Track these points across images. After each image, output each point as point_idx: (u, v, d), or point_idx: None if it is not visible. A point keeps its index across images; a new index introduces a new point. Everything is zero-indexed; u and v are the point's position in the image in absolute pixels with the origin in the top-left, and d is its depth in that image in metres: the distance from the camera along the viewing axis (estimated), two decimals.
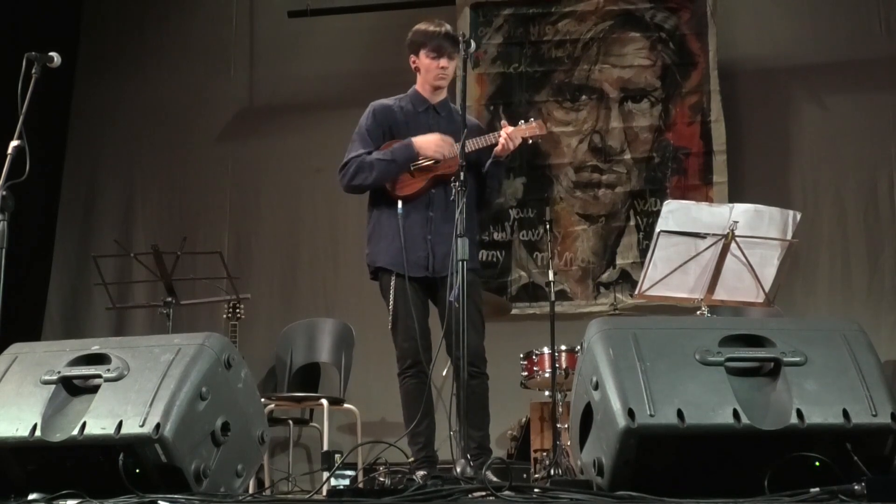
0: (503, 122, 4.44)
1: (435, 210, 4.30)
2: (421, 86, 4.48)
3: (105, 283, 5.59)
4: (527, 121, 4.47)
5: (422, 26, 4.44)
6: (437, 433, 4.32)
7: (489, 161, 4.40)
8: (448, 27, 4.43)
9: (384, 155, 4.30)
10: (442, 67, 4.38)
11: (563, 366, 5.36)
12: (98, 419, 2.93)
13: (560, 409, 5.26)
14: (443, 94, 4.50)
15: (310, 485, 6.05)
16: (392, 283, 4.27)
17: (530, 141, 4.48)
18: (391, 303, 4.27)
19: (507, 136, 4.31)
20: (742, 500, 2.55)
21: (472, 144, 4.25)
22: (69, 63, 6.86)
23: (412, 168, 4.31)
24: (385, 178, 4.29)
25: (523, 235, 6.90)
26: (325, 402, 5.71)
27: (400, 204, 4.26)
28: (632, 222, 6.78)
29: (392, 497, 2.77)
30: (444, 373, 5.08)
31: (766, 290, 4.44)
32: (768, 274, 4.45)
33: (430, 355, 4.24)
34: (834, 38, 6.83)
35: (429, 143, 4.29)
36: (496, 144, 4.33)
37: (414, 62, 4.45)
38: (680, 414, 2.66)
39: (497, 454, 6.01)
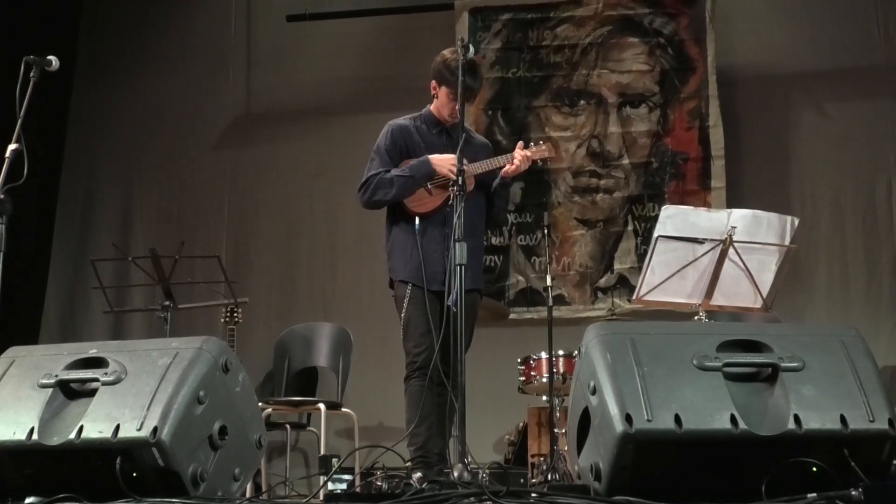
0: (519, 143, 4.52)
1: (450, 227, 4.33)
2: (436, 109, 4.56)
3: (103, 286, 5.59)
4: (536, 143, 4.60)
5: (451, 58, 4.40)
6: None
7: (497, 181, 4.53)
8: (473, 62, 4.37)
9: (402, 172, 4.43)
10: (458, 110, 4.40)
11: (561, 371, 5.36)
12: (95, 423, 2.93)
13: (557, 414, 5.26)
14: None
15: (307, 489, 6.03)
16: (408, 291, 4.36)
17: (540, 163, 4.63)
18: (404, 310, 4.36)
19: (519, 158, 4.42)
20: None
21: (485, 166, 4.43)
22: (68, 66, 6.85)
23: (429, 185, 4.43)
24: (404, 194, 4.42)
25: (521, 240, 6.90)
26: (322, 406, 5.71)
27: (417, 220, 4.37)
28: (630, 227, 6.78)
29: (389, 501, 2.77)
30: None
31: (764, 295, 4.44)
32: (766, 279, 4.45)
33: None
34: (832, 45, 6.83)
35: (444, 162, 4.40)
36: (504, 165, 4.46)
37: (434, 89, 4.52)
38: (677, 419, 2.66)
39: (494, 459, 6.04)
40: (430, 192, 4.43)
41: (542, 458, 5.40)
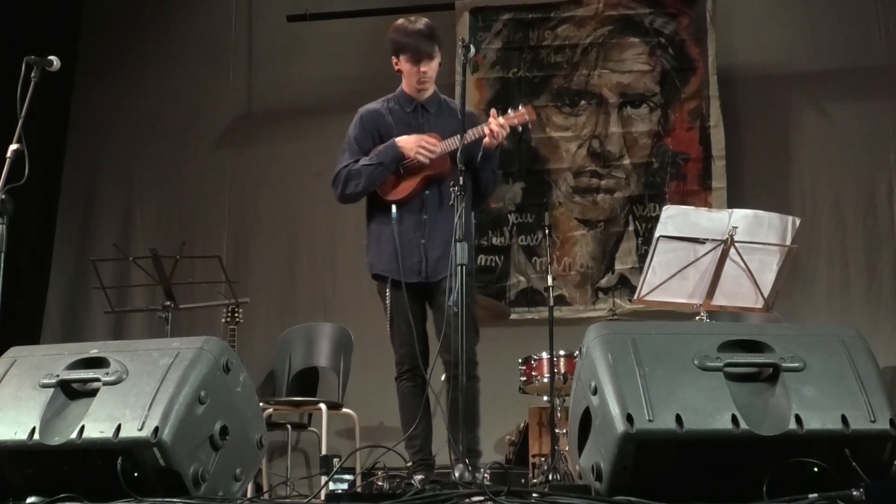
0: (492, 111, 4.27)
1: (429, 213, 4.26)
2: (406, 85, 4.39)
3: (104, 286, 5.59)
4: (515, 108, 4.30)
5: (400, 24, 4.32)
6: (434, 437, 4.31)
7: (479, 154, 4.21)
8: (425, 23, 4.30)
9: (370, 159, 4.25)
10: (422, 72, 4.28)
11: (562, 371, 5.36)
12: (96, 423, 2.93)
13: (558, 415, 5.26)
14: (430, 91, 4.41)
15: (308, 489, 6.03)
16: (387, 289, 4.26)
17: (520, 128, 4.28)
18: (387, 309, 4.27)
19: (495, 126, 4.15)
20: None
21: (457, 142, 4.04)
22: (69, 67, 6.84)
23: (401, 170, 4.26)
24: (375, 182, 4.25)
25: (522, 240, 6.90)
26: (323, 406, 5.71)
27: (394, 209, 4.21)
28: (630, 227, 6.78)
29: (390, 501, 2.76)
30: (442, 377, 5.08)
31: (765, 295, 4.44)
32: (767, 279, 4.45)
33: (427, 360, 4.23)
34: (833, 45, 6.83)
35: (412, 144, 4.22)
36: (484, 136, 4.18)
37: (396, 63, 4.35)
38: (678, 419, 2.66)
39: (495, 459, 6.03)
40: (402, 176, 4.24)
41: (542, 458, 5.41)
